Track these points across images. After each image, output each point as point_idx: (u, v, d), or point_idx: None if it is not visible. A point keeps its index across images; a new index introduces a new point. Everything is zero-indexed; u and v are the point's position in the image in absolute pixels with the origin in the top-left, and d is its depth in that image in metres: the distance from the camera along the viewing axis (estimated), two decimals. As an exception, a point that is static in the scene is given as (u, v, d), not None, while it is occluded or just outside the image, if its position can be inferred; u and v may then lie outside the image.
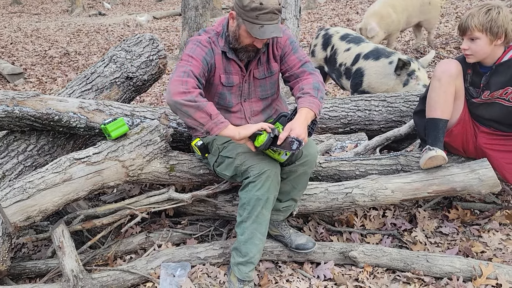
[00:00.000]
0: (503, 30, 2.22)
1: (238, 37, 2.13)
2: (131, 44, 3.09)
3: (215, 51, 2.19)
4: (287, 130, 2.01)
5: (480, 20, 2.23)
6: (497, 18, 2.21)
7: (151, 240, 2.60)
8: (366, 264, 2.33)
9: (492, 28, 2.22)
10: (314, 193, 2.46)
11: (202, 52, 2.15)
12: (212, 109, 2.04)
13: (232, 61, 2.23)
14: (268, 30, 2.01)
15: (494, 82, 2.32)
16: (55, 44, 10.40)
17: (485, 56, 2.32)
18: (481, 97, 2.39)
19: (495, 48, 2.28)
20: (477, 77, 2.39)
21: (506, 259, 2.35)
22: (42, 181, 2.12)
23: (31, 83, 7.06)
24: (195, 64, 2.11)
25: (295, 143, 1.96)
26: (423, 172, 2.41)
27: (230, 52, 2.20)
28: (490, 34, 2.23)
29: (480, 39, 2.26)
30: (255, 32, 2.02)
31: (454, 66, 2.36)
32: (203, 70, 2.15)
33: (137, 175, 2.35)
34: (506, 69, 2.29)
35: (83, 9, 16.89)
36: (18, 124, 2.53)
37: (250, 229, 2.15)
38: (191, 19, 7.39)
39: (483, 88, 2.36)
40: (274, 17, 2.01)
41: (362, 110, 3.14)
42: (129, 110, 2.67)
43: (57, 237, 2.23)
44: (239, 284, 2.19)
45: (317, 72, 2.29)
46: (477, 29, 2.24)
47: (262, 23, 2.00)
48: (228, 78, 2.24)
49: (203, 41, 2.18)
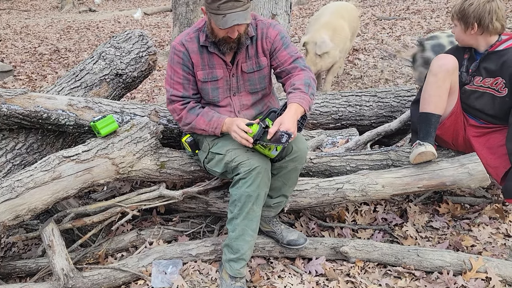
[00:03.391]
0: (473, 20, 2.31)
1: (212, 31, 2.14)
2: (120, 41, 3.06)
3: (190, 49, 2.22)
4: (277, 124, 2.01)
5: (455, 9, 2.38)
6: (468, 9, 2.31)
7: (142, 238, 2.60)
8: (358, 259, 2.34)
9: (463, 18, 2.35)
10: (305, 189, 2.46)
11: (178, 58, 2.25)
12: (202, 122, 2.23)
13: (214, 55, 2.23)
14: (230, 19, 1.99)
15: (484, 69, 2.38)
16: (44, 41, 10.29)
17: (466, 43, 2.44)
18: (474, 83, 2.42)
19: (476, 37, 2.37)
20: (470, 62, 2.45)
21: (495, 252, 2.38)
22: (31, 180, 2.11)
23: (20, 80, 6.99)
24: (176, 80, 2.28)
25: (284, 136, 1.97)
26: (413, 167, 2.42)
27: (211, 46, 2.20)
28: (463, 23, 2.36)
29: (457, 27, 2.41)
30: (219, 23, 2.01)
31: (451, 61, 2.37)
32: (186, 78, 2.27)
33: (128, 172, 2.33)
34: (497, 58, 2.34)
35: (73, 6, 16.72)
36: (6, 122, 2.50)
37: (241, 226, 2.15)
38: (181, 15, 7.34)
39: (473, 73, 2.41)
40: (236, 5, 1.97)
41: (353, 105, 3.15)
42: (119, 107, 2.65)
43: (47, 236, 2.21)
44: (230, 281, 2.19)
45: (308, 68, 2.28)
46: (454, 17, 2.40)
47: (224, 12, 1.98)
48: (210, 73, 2.25)
49: (177, 46, 2.25)
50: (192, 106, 2.27)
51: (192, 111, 2.26)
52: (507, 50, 2.32)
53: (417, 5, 10.22)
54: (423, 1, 10.58)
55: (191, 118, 2.25)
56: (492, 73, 2.36)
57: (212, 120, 2.21)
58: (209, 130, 2.22)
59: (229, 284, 2.18)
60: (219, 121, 2.20)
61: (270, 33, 2.25)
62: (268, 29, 2.26)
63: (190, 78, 2.27)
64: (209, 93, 2.28)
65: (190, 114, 2.25)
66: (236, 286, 2.17)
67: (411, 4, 10.44)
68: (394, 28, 8.11)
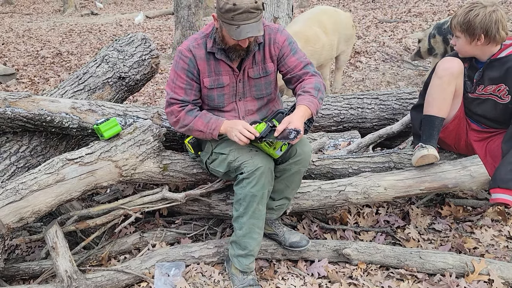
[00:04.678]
0: (480, 32, 2.24)
1: (223, 38, 2.14)
2: (123, 44, 3.08)
3: (197, 56, 2.21)
4: (285, 122, 2.04)
5: (459, 20, 2.29)
6: (474, 20, 2.23)
7: (145, 240, 2.60)
8: (360, 261, 2.35)
9: (469, 30, 2.26)
10: (308, 191, 2.47)
11: (184, 64, 2.23)
12: (200, 123, 2.21)
13: (221, 62, 2.22)
14: (244, 31, 1.99)
15: (487, 77, 2.35)
16: (47, 44, 10.33)
17: (470, 54, 2.37)
18: (476, 92, 2.41)
19: (482, 47, 2.31)
20: (472, 71, 2.41)
21: (498, 254, 2.38)
22: (34, 182, 2.12)
23: (23, 83, 7.01)
24: (178, 85, 2.25)
25: (292, 133, 1.99)
26: (415, 169, 2.43)
27: (218, 52, 2.20)
28: (468, 35, 2.28)
29: (460, 38, 2.33)
30: (232, 33, 2.01)
31: (456, 64, 2.36)
32: (189, 84, 2.25)
33: (131, 175, 2.35)
34: (500, 65, 2.31)
35: (75, 9, 16.79)
36: (10, 125, 2.52)
37: (247, 224, 2.17)
38: (183, 18, 7.37)
39: (478, 83, 2.38)
40: (251, 16, 1.98)
41: (355, 108, 3.15)
42: (121, 110, 2.66)
43: (50, 238, 2.22)
44: (242, 276, 2.22)
45: (319, 74, 2.31)
46: (456, 29, 2.31)
47: (238, 23, 1.98)
48: (216, 80, 2.25)
49: (183, 51, 2.23)
50: (190, 108, 2.26)
51: (190, 113, 2.24)
52: (510, 57, 2.29)
53: (419, 7, 10.24)
54: (424, 4, 10.60)
55: (188, 120, 2.23)
56: (495, 80, 2.33)
57: (210, 121, 2.21)
58: (206, 132, 2.21)
59: (241, 278, 2.21)
60: (218, 122, 2.20)
61: (278, 38, 2.26)
62: (276, 34, 2.27)
63: (193, 85, 2.26)
64: (215, 99, 2.29)
65: (188, 115, 2.23)
66: (248, 280, 2.20)
67: (412, 7, 10.46)
68: (395, 31, 8.13)
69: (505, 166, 2.26)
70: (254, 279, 2.23)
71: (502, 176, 2.24)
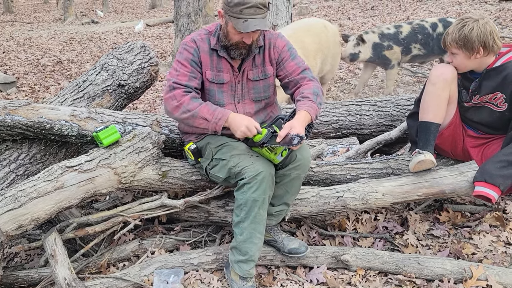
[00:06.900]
0: (478, 45, 2.24)
1: (227, 34, 2.18)
2: (122, 52, 3.10)
3: (201, 48, 2.25)
4: (287, 128, 2.06)
5: (454, 37, 2.28)
6: (470, 35, 2.23)
7: (144, 247, 2.60)
8: (359, 267, 2.35)
9: (467, 45, 2.25)
10: (306, 198, 2.48)
11: (189, 54, 2.25)
12: (206, 111, 2.16)
13: (223, 59, 2.26)
14: (251, 24, 2.04)
15: (484, 87, 2.35)
16: (47, 52, 10.39)
17: (470, 68, 2.36)
18: (472, 101, 2.42)
19: (480, 59, 2.31)
20: (467, 81, 2.42)
21: (496, 260, 2.38)
22: (34, 190, 2.12)
23: (23, 91, 7.04)
24: (182, 72, 2.23)
25: (296, 138, 2.01)
26: (413, 175, 2.44)
27: (221, 50, 2.25)
28: (466, 50, 2.28)
29: (458, 55, 2.32)
30: (240, 26, 2.06)
31: (449, 71, 2.37)
32: (193, 73, 2.24)
33: (130, 182, 2.35)
34: (496, 74, 2.32)
35: (76, 17, 16.90)
36: (9, 133, 2.53)
37: (248, 230, 2.17)
38: (183, 26, 7.41)
39: (474, 92, 2.39)
40: (259, 11, 2.04)
41: (353, 114, 3.17)
42: (121, 117, 2.68)
43: (49, 246, 2.23)
44: (241, 282, 2.21)
45: (316, 79, 2.34)
46: (453, 46, 2.30)
47: (246, 17, 2.04)
48: (217, 76, 2.28)
49: (188, 42, 2.27)
50: (195, 95, 2.23)
51: (195, 100, 2.20)
52: (506, 65, 2.29)
53: (417, 15, 10.28)
54: (423, 11, 10.65)
55: (193, 105, 2.16)
56: (491, 89, 2.34)
57: (216, 110, 2.17)
58: (211, 120, 2.15)
59: (240, 285, 2.21)
60: (224, 112, 2.16)
61: (278, 43, 2.32)
62: (276, 39, 2.33)
63: (197, 74, 2.26)
64: (215, 95, 2.30)
65: (193, 101, 2.18)
66: (247, 286, 2.20)
67: (411, 14, 10.51)
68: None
69: (495, 163, 2.26)
70: (253, 285, 2.23)
71: (490, 171, 2.24)
